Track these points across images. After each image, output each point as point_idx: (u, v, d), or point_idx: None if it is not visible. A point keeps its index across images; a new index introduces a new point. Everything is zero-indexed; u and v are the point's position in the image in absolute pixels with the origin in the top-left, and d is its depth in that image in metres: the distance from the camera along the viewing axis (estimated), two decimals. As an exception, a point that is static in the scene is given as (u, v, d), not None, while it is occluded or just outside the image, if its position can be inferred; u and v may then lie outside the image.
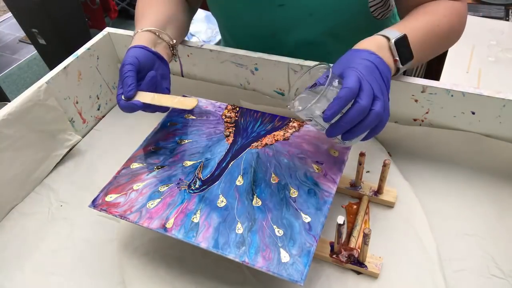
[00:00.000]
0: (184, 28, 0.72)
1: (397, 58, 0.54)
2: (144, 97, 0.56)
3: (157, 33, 0.62)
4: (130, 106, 0.55)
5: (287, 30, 0.70)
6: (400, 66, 0.54)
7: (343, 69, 0.49)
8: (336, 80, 0.48)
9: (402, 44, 0.54)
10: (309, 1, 0.65)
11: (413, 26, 0.58)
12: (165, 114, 0.68)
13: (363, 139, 0.51)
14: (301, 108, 0.48)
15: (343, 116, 0.47)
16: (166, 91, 0.61)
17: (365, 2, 0.66)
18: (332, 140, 0.53)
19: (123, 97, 0.56)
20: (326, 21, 0.67)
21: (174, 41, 0.65)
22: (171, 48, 0.65)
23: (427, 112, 0.65)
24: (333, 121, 0.47)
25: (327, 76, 0.47)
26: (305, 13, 0.66)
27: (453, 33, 0.63)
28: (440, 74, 1.16)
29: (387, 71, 0.51)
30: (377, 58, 0.51)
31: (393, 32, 0.55)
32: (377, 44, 0.53)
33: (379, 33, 0.55)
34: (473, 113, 0.61)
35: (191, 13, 0.76)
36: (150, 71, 0.57)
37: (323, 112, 0.46)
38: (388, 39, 0.54)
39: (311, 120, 0.50)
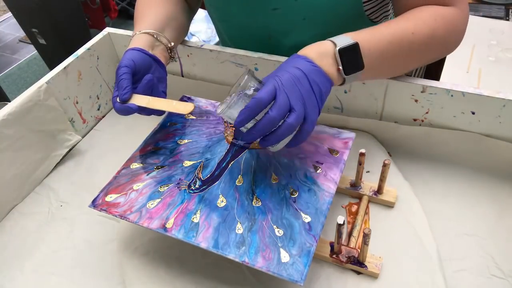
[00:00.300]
0: (184, 29, 0.72)
1: (340, 67, 0.51)
2: (140, 100, 0.56)
3: (155, 36, 0.62)
4: (125, 109, 0.55)
5: (281, 33, 0.69)
6: (345, 76, 0.51)
7: (268, 77, 0.49)
8: (252, 88, 0.49)
9: (349, 52, 0.51)
10: (302, 5, 0.64)
11: (377, 33, 0.54)
12: (164, 115, 0.68)
13: (288, 146, 0.51)
14: (218, 112, 0.49)
15: (255, 124, 0.47)
16: (162, 94, 0.61)
17: (359, 6, 0.65)
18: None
19: (118, 99, 0.56)
20: (321, 25, 0.66)
21: (172, 43, 0.65)
22: (169, 51, 0.65)
23: (427, 112, 0.65)
24: (248, 126, 0.48)
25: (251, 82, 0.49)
26: (299, 18, 0.65)
27: (436, 42, 0.57)
28: (440, 74, 1.16)
29: (322, 80, 0.49)
30: (311, 66, 0.49)
31: (344, 39, 0.52)
32: (320, 51, 0.51)
33: (331, 38, 0.53)
34: (473, 113, 0.61)
35: (190, 14, 0.76)
36: (146, 74, 0.57)
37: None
38: (335, 45, 0.51)
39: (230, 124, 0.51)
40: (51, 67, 1.94)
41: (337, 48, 0.50)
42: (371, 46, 0.53)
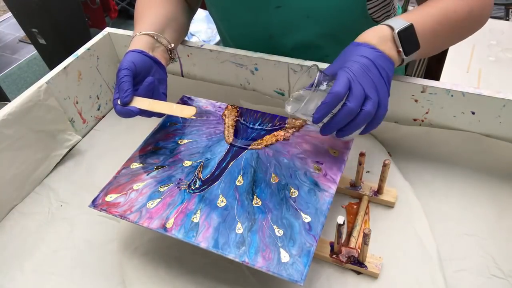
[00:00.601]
0: (184, 29, 0.72)
1: (401, 49, 0.52)
2: (141, 103, 0.56)
3: (155, 37, 0.62)
4: (126, 112, 0.56)
5: (284, 32, 0.69)
6: (404, 57, 0.53)
7: (337, 69, 0.50)
8: (325, 83, 0.50)
9: (407, 34, 0.53)
10: (305, 3, 0.64)
11: (424, 14, 0.56)
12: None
13: (362, 133, 0.53)
14: (290, 111, 0.50)
15: (333, 117, 0.49)
16: (163, 96, 0.60)
17: (363, 5, 0.65)
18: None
19: (119, 102, 0.56)
20: (323, 23, 0.67)
21: (172, 45, 0.65)
22: (169, 52, 0.65)
23: (427, 112, 0.65)
24: (324, 121, 0.50)
25: (320, 78, 0.50)
26: (302, 15, 0.66)
27: (474, 18, 0.60)
28: (440, 74, 1.16)
29: (387, 65, 0.51)
30: (375, 53, 0.51)
31: (399, 22, 0.53)
32: (379, 36, 0.52)
33: (385, 22, 0.54)
34: (473, 113, 0.61)
35: (190, 14, 0.76)
36: (148, 77, 0.57)
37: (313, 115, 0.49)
38: (392, 29, 0.53)
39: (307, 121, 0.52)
40: (51, 67, 1.94)
41: (396, 31, 0.52)
42: (423, 26, 0.54)
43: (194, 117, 0.67)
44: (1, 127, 0.63)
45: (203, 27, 2.18)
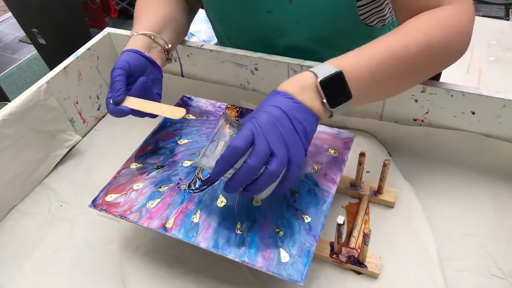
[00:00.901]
0: (183, 30, 0.72)
1: (324, 101, 0.46)
2: (133, 102, 0.56)
3: (152, 37, 0.62)
4: (117, 111, 0.56)
5: (276, 35, 0.69)
6: (330, 109, 0.46)
7: (246, 120, 0.45)
8: (229, 135, 0.46)
9: (333, 83, 0.46)
10: (296, 9, 0.63)
11: (363, 55, 0.48)
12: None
13: (274, 194, 0.47)
14: (195, 160, 0.46)
15: (234, 174, 0.44)
16: (157, 96, 0.60)
17: (353, 10, 0.63)
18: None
19: (111, 101, 0.56)
20: (314, 28, 0.66)
21: (170, 45, 0.65)
22: (166, 53, 0.64)
23: (427, 112, 0.65)
24: (228, 176, 0.45)
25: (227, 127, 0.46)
26: (292, 21, 0.65)
27: (437, 50, 0.50)
28: (440, 74, 1.16)
29: (306, 117, 0.45)
30: (290, 103, 0.45)
31: (325, 68, 0.46)
32: (300, 84, 0.46)
33: (312, 68, 0.47)
34: (473, 113, 0.61)
35: (191, 15, 0.76)
36: (141, 77, 0.57)
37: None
38: (316, 76, 0.46)
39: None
40: (51, 67, 1.94)
41: (318, 80, 0.45)
42: (359, 71, 0.47)
43: (194, 117, 0.67)
44: (1, 127, 0.63)
45: (203, 27, 2.18)
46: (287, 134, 0.44)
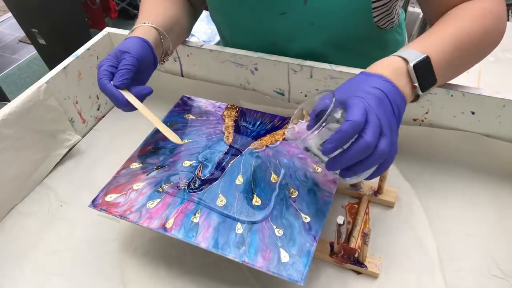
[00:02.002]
0: (185, 34, 0.72)
1: (416, 84, 0.47)
2: (132, 99, 0.54)
3: (161, 35, 0.61)
4: (113, 95, 0.53)
5: (288, 39, 0.68)
6: (420, 93, 0.47)
7: (348, 97, 0.43)
8: (339, 111, 0.43)
9: (423, 68, 0.47)
10: (310, 10, 0.63)
11: (438, 40, 0.50)
12: (164, 114, 0.68)
13: (367, 179, 0.45)
14: (297, 140, 0.45)
15: (344, 151, 0.41)
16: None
17: (368, 11, 0.63)
18: (332, 174, 0.48)
19: (112, 82, 0.54)
20: (328, 30, 0.65)
21: (171, 50, 0.64)
22: (163, 55, 0.64)
23: (427, 112, 0.65)
24: (333, 154, 0.43)
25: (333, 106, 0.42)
26: (306, 22, 0.64)
27: (489, 38, 0.54)
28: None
29: (400, 101, 0.45)
30: (389, 86, 0.44)
31: (413, 53, 0.47)
32: (392, 68, 0.46)
33: (397, 53, 0.48)
34: (473, 113, 0.61)
35: (195, 19, 0.75)
36: (149, 88, 0.56)
37: (321, 145, 0.43)
38: (406, 61, 0.47)
39: (308, 151, 0.46)
40: (51, 67, 1.94)
41: (411, 64, 0.46)
42: (439, 56, 0.49)
43: (194, 117, 0.67)
44: (1, 127, 0.63)
45: (203, 27, 2.18)
46: (389, 116, 0.44)
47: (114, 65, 0.55)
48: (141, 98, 0.56)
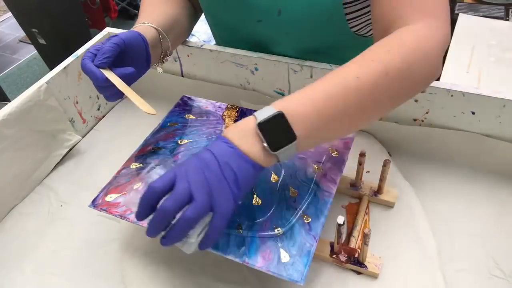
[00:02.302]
0: (185, 34, 0.72)
1: (265, 144, 0.42)
2: (112, 76, 0.52)
3: (160, 36, 0.61)
4: (92, 72, 0.51)
5: (269, 43, 0.69)
6: (271, 152, 0.42)
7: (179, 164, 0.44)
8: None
9: (273, 125, 0.42)
10: (284, 21, 0.62)
11: (313, 90, 0.44)
12: (164, 114, 0.68)
13: (201, 247, 0.44)
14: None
15: (151, 219, 0.42)
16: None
17: (341, 21, 0.61)
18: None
19: (93, 62, 0.52)
20: (303, 40, 0.65)
21: (170, 51, 0.64)
22: (162, 56, 0.63)
23: (427, 112, 0.65)
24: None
25: None
26: (281, 32, 0.64)
27: (396, 79, 0.44)
28: (440, 75, 1.16)
29: (238, 163, 0.41)
30: (224, 149, 0.42)
31: (266, 111, 0.42)
32: (240, 129, 0.43)
33: (255, 112, 0.43)
34: (473, 113, 0.61)
35: (195, 19, 0.75)
36: (131, 69, 0.54)
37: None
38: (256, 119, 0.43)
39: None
40: (51, 67, 1.94)
41: (257, 122, 0.42)
42: (303, 110, 0.43)
43: (194, 117, 0.67)
44: (1, 127, 0.63)
45: (203, 27, 2.18)
46: (213, 180, 0.41)
47: (99, 48, 0.54)
48: (126, 79, 0.54)
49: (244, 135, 0.43)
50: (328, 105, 0.43)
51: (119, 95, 0.55)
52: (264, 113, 0.42)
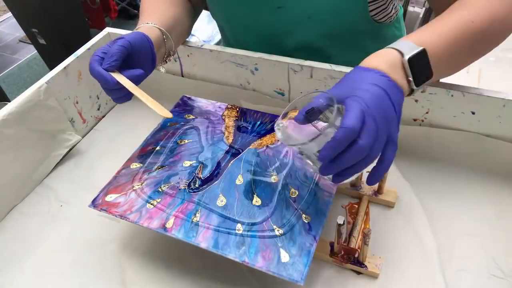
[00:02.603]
0: (186, 34, 0.72)
1: (411, 79, 0.45)
2: (123, 80, 0.53)
3: (164, 36, 0.61)
4: (102, 76, 0.52)
5: (286, 32, 0.69)
6: (414, 87, 0.46)
7: (346, 97, 0.42)
8: (335, 111, 0.41)
9: (419, 61, 0.45)
10: (307, 3, 0.63)
11: (437, 31, 0.48)
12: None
13: (369, 183, 0.45)
14: (290, 142, 0.44)
15: (338, 156, 0.41)
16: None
17: (364, 6, 0.63)
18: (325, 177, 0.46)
19: (102, 66, 0.52)
20: (325, 24, 0.66)
21: (174, 51, 0.64)
22: (166, 56, 0.63)
23: (427, 112, 0.65)
24: (307, 156, 0.43)
25: (328, 106, 0.42)
26: (303, 16, 0.65)
27: (498, 24, 0.50)
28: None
29: (399, 96, 0.44)
30: (388, 82, 0.43)
31: (408, 45, 0.45)
32: (388, 61, 0.45)
33: (392, 45, 0.46)
34: (473, 113, 0.61)
35: (194, 18, 0.75)
36: (140, 70, 0.55)
37: (318, 151, 0.42)
38: (402, 54, 0.45)
39: (302, 154, 0.46)
40: (51, 67, 1.94)
41: (406, 58, 0.44)
42: (437, 48, 0.47)
43: (194, 117, 0.67)
44: (1, 127, 0.63)
45: (203, 27, 2.18)
46: (389, 113, 0.42)
47: (106, 51, 0.54)
48: (135, 81, 0.54)
49: (394, 68, 0.45)
50: (454, 45, 0.48)
51: (128, 96, 0.55)
52: (406, 48, 0.45)
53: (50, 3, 1.82)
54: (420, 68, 0.45)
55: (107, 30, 0.82)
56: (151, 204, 0.53)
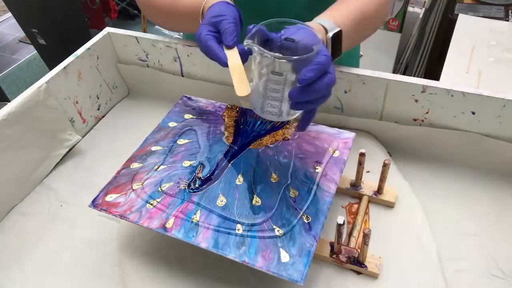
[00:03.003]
0: None
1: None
2: (234, 60, 0.51)
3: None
4: (217, 54, 0.51)
5: (279, 7, 0.69)
6: None
7: (314, 39, 0.48)
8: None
9: (335, 40, 0.52)
10: None
11: (345, 13, 0.56)
12: (164, 114, 0.68)
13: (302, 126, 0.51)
14: (280, 55, 0.46)
15: (313, 83, 0.46)
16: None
17: None
18: (267, 115, 0.51)
19: (224, 47, 0.51)
20: None
21: None
22: None
23: (427, 112, 0.65)
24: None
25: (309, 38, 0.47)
26: None
27: (378, 16, 0.61)
28: (440, 74, 1.16)
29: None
30: (327, 52, 0.48)
31: (330, 24, 0.52)
32: (321, 34, 0.51)
33: (318, 20, 0.53)
34: (473, 113, 0.61)
35: None
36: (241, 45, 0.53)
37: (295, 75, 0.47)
38: (326, 30, 0.52)
39: (276, 75, 0.48)
40: (51, 67, 1.94)
41: (330, 35, 0.51)
42: (345, 29, 0.54)
43: (194, 117, 0.66)
44: (1, 127, 0.63)
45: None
46: (331, 65, 0.48)
47: (212, 30, 0.53)
48: (245, 56, 0.53)
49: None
50: (354, 27, 0.56)
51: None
52: (329, 26, 0.52)
53: (50, 3, 1.82)
54: (335, 47, 0.53)
55: (107, 30, 0.82)
56: (151, 204, 0.53)
